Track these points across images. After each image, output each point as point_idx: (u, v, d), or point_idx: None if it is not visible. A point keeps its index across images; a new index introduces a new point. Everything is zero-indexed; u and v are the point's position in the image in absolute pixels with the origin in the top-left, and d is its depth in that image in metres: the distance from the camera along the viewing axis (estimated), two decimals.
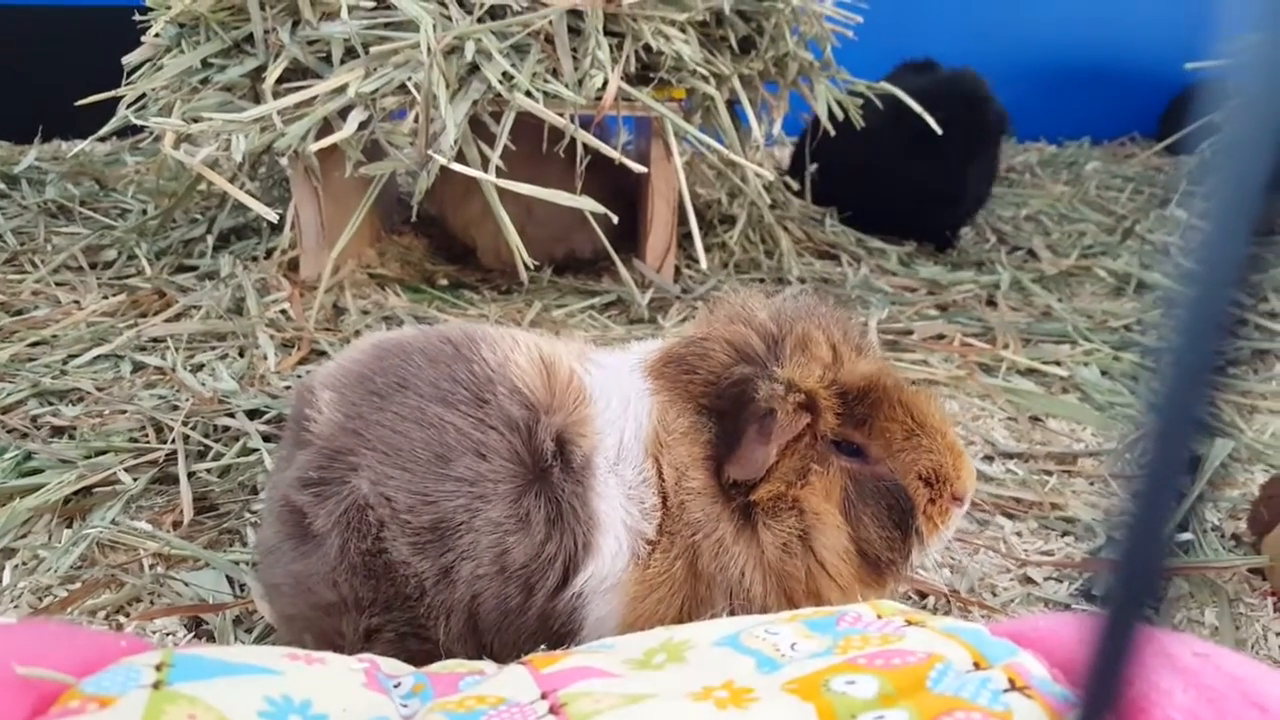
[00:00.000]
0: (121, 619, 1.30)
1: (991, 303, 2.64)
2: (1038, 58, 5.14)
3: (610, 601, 1.00)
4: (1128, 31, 5.13)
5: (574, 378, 1.06)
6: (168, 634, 1.27)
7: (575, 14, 2.31)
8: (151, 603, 1.33)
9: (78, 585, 1.34)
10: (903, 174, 3.00)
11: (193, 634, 1.28)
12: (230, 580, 1.36)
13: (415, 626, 1.02)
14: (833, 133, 2.71)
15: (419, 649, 1.02)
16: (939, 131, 2.71)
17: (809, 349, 1.03)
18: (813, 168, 3.22)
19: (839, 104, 2.73)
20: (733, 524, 1.01)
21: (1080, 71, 5.21)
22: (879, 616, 0.76)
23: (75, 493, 1.54)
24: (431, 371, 1.05)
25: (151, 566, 1.40)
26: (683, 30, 2.41)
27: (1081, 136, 5.11)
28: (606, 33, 2.32)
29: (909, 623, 0.73)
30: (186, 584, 1.35)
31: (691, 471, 1.01)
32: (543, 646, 0.97)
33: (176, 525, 1.49)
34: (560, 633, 1.02)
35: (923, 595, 1.40)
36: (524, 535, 0.98)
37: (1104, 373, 2.18)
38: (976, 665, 0.65)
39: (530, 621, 1.01)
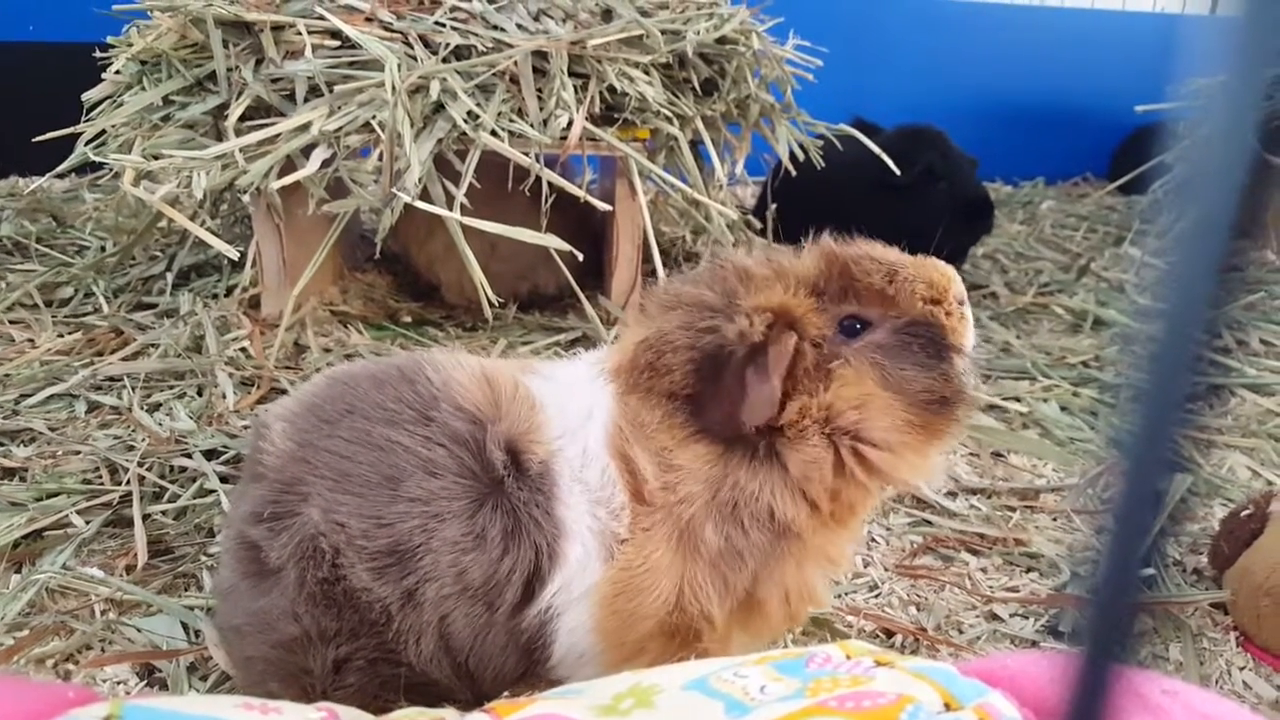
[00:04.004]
0: (70, 667, 1.26)
1: None
2: (993, 101, 5.26)
3: (583, 608, 0.98)
4: (1079, 76, 5.27)
5: (519, 387, 1.05)
6: (119, 682, 1.23)
7: (540, 55, 2.33)
8: (102, 650, 1.29)
9: (25, 633, 1.30)
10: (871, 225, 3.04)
11: (145, 682, 1.24)
12: (185, 626, 1.32)
13: (385, 652, 1.00)
14: (794, 173, 2.74)
15: (391, 674, 1.00)
16: (898, 173, 2.76)
17: (753, 276, 1.03)
18: (772, 207, 3.25)
19: (800, 145, 2.77)
20: (748, 468, 0.99)
21: (1034, 114, 5.34)
22: (848, 657, 0.75)
23: (25, 536, 1.50)
24: (377, 395, 1.03)
25: (103, 613, 1.36)
26: (646, 72, 2.43)
27: (1036, 177, 5.22)
28: (571, 74, 2.34)
29: (878, 663, 0.73)
30: (139, 630, 1.31)
31: (677, 453, 0.99)
32: (504, 694, 0.95)
33: (130, 569, 1.45)
34: (531, 647, 1.00)
35: (889, 634, 1.39)
36: (480, 553, 0.96)
37: (1064, 408, 2.20)
38: (947, 706, 0.64)
39: (500, 637, 0.99)
